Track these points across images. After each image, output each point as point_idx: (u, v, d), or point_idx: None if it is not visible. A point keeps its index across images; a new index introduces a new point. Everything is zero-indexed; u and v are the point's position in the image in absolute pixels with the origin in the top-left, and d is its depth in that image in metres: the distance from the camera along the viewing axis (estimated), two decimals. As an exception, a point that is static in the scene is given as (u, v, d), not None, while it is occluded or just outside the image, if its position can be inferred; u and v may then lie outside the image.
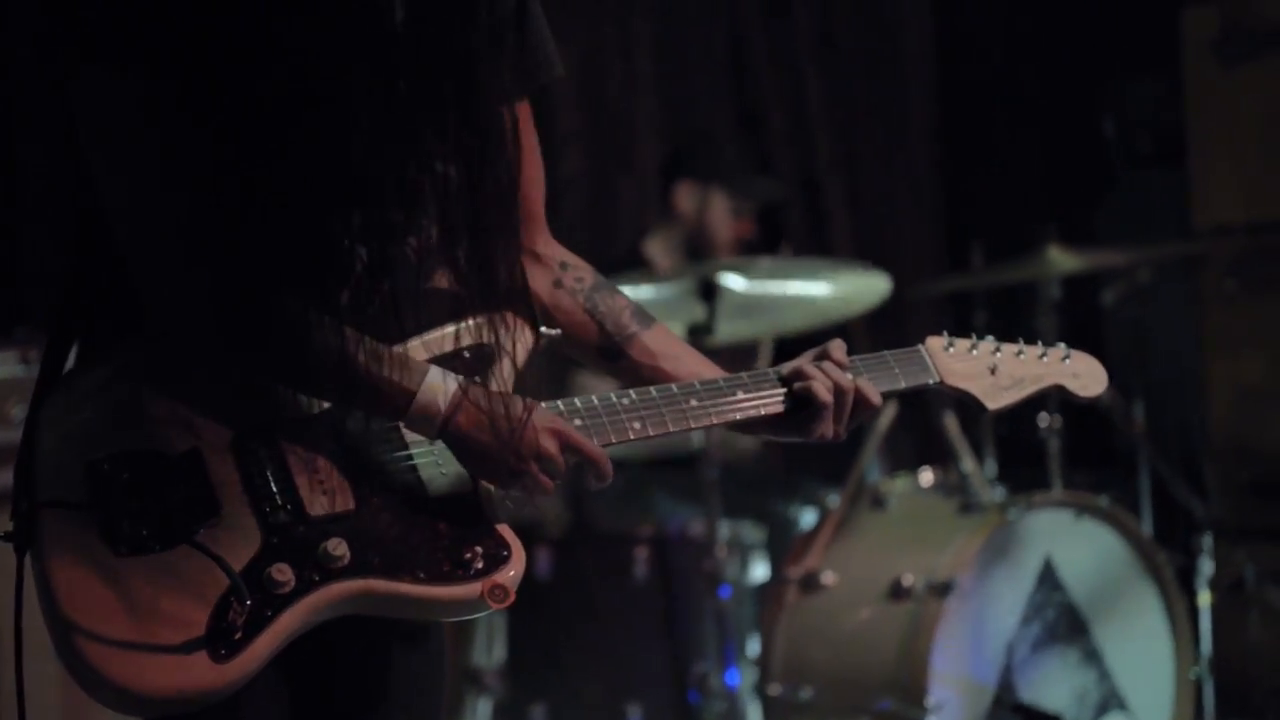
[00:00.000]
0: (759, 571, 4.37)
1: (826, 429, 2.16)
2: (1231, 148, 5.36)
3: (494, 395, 1.99)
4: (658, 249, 4.99)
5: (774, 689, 4.13)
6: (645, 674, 4.06)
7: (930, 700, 3.82)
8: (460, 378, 1.99)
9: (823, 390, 2.13)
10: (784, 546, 4.46)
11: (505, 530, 1.99)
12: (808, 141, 6.70)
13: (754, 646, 4.24)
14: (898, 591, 3.99)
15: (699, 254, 4.94)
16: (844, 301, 4.32)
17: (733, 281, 4.16)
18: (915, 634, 3.89)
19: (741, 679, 4.10)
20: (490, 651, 4.11)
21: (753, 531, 4.34)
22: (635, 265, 4.96)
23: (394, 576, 1.92)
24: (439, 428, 1.98)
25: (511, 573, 1.95)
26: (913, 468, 5.04)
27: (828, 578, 4.15)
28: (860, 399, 2.15)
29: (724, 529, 4.11)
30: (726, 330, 4.14)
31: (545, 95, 6.47)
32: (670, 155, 5.19)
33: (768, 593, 4.27)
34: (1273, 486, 5.22)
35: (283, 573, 1.89)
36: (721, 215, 4.93)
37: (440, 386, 1.97)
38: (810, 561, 4.21)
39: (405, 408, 1.96)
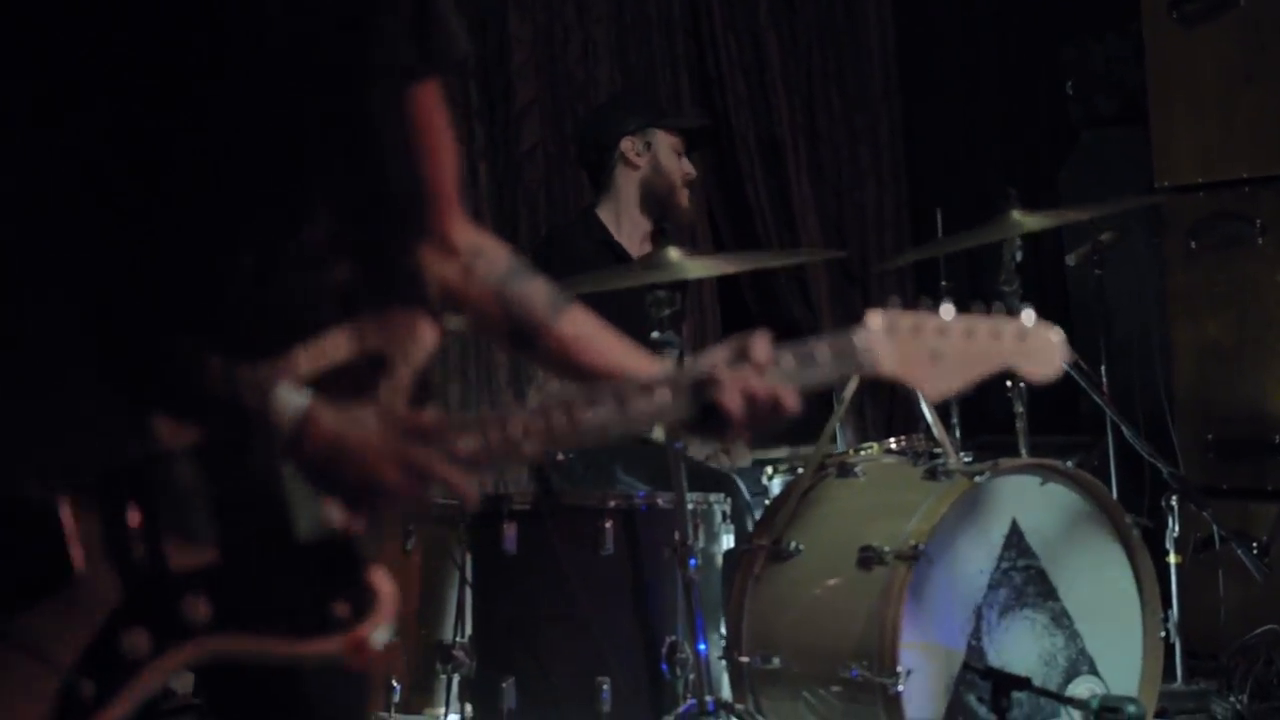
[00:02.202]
0: (727, 542, 4.35)
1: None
2: (1191, 108, 5.36)
3: (345, 414, 1.84)
4: (608, 214, 4.98)
5: (743, 658, 4.13)
6: (615, 646, 4.04)
7: (900, 666, 3.82)
8: (309, 395, 1.84)
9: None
10: (751, 516, 4.45)
11: (377, 575, 1.87)
12: (768, 108, 6.69)
13: (723, 617, 4.24)
14: (866, 559, 3.98)
15: (660, 202, 4.94)
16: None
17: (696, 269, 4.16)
18: (884, 601, 3.88)
19: (711, 649, 4.09)
20: (459, 626, 4.09)
21: (720, 501, 4.33)
22: (589, 228, 4.97)
23: (256, 631, 1.82)
24: (284, 453, 1.83)
25: (375, 629, 1.84)
26: (881, 435, 5.04)
27: (796, 546, 4.15)
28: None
29: (691, 500, 4.09)
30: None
31: (502, 67, 6.45)
32: (590, 122, 5.17)
33: (736, 563, 4.26)
34: (1237, 445, 5.23)
35: (138, 638, 1.78)
36: (670, 155, 4.95)
37: (286, 406, 1.83)
38: (778, 530, 4.20)
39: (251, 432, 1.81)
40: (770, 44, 6.65)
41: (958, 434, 4.75)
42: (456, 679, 4.12)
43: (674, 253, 4.08)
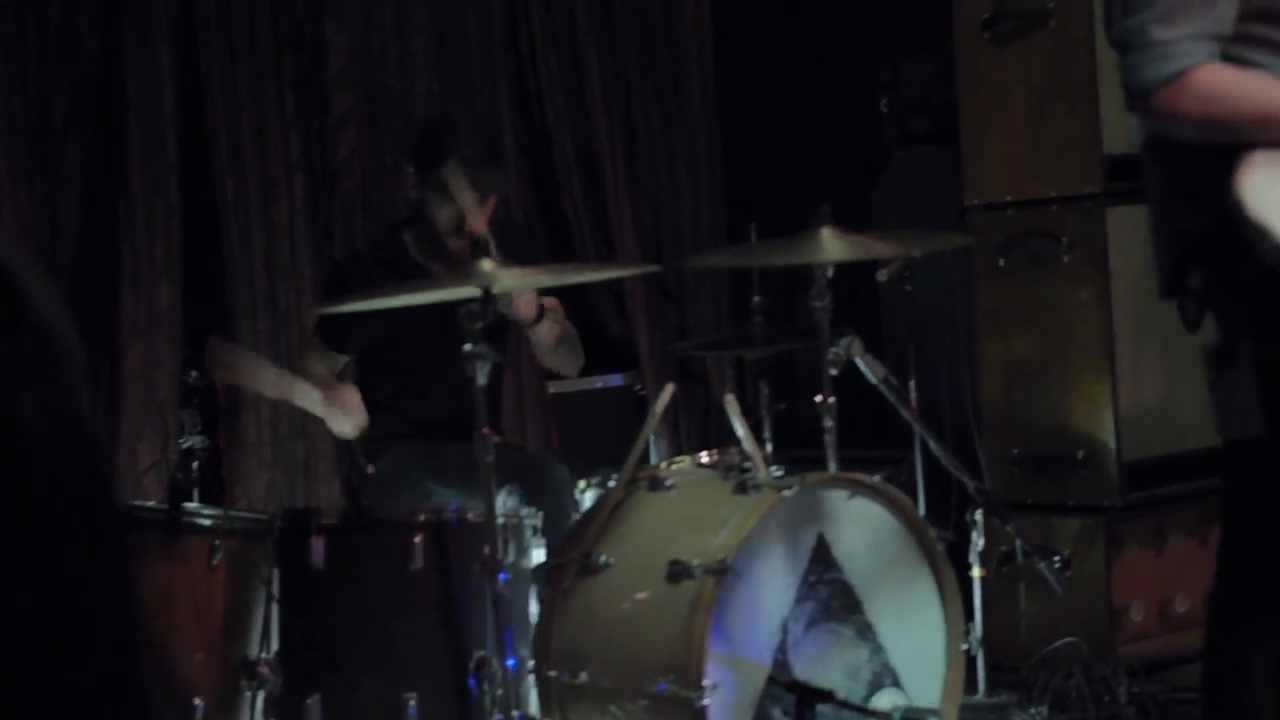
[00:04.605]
0: (537, 555, 4.35)
1: None
2: (1001, 127, 5.45)
3: None
4: (411, 236, 4.95)
5: (551, 672, 4.13)
6: (422, 662, 4.02)
7: (706, 680, 3.84)
8: None
9: None
10: (562, 530, 4.46)
11: None
12: (587, 122, 6.70)
13: (532, 631, 4.23)
14: (674, 572, 4.00)
15: (429, 239, 4.88)
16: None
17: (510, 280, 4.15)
18: (691, 615, 3.90)
19: (520, 664, 4.09)
20: (264, 642, 4.05)
21: (531, 515, 4.32)
22: (393, 250, 4.93)
23: None
24: None
25: None
26: (695, 448, 5.07)
27: (605, 560, 4.15)
28: None
29: (501, 513, 4.09)
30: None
31: (319, 76, 6.41)
32: (413, 144, 5.10)
33: (545, 576, 4.26)
34: (1040, 460, 5.32)
35: None
36: (461, 187, 4.84)
37: None
38: (588, 544, 4.21)
39: None
40: (589, 59, 6.67)
41: (770, 448, 4.79)
42: (261, 696, 4.07)
43: (486, 265, 4.05)
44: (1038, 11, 5.31)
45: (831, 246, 4.51)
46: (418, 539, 4.07)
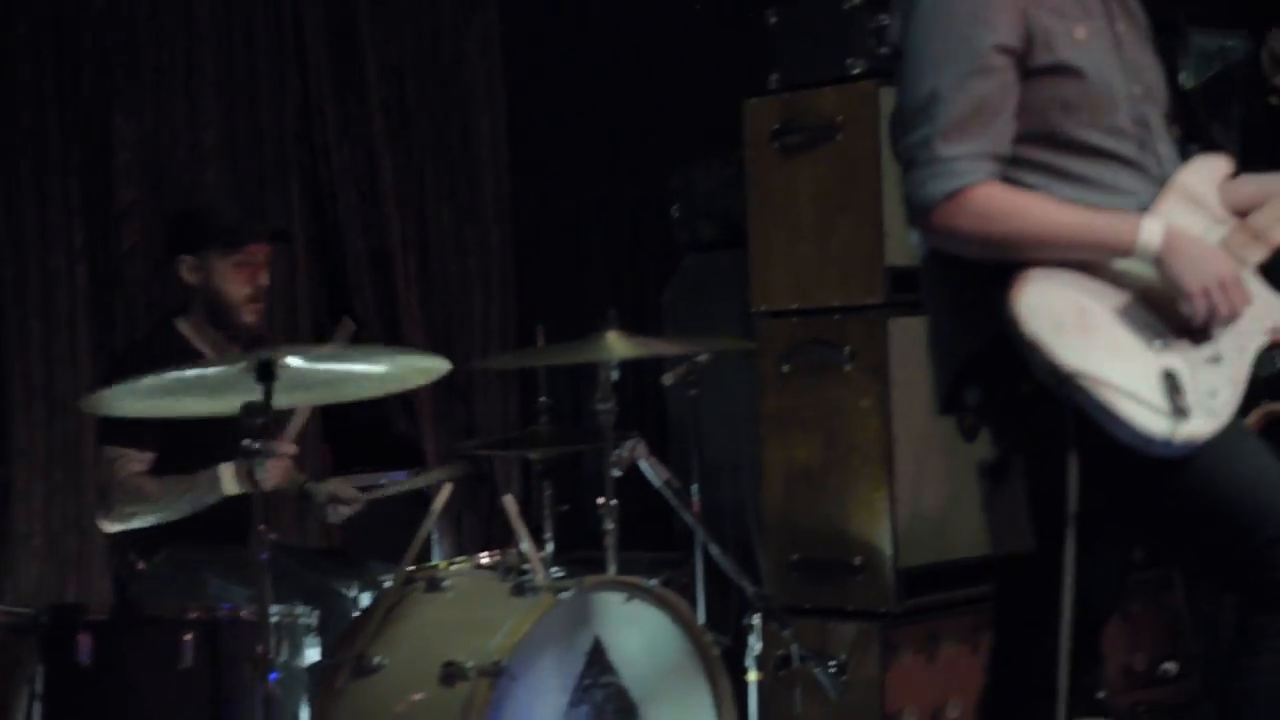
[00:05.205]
0: (312, 655, 4.29)
1: None
2: (788, 236, 5.52)
3: None
4: (187, 325, 4.91)
5: (323, 774, 4.07)
6: (190, 762, 3.95)
7: (478, 784, 3.81)
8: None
9: None
10: (338, 629, 4.40)
11: None
12: (380, 219, 6.68)
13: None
14: (448, 674, 3.97)
15: (222, 320, 4.87)
16: (404, 377, 4.29)
17: (291, 360, 4.09)
18: (464, 717, 3.87)
19: (290, 765, 4.02)
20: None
21: (306, 614, 4.27)
22: (168, 340, 4.87)
23: None
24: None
25: None
26: (477, 549, 5.04)
27: (379, 661, 4.11)
28: None
29: (276, 611, 4.02)
30: (283, 401, 4.06)
31: (104, 166, 6.33)
32: (172, 233, 5.07)
33: (319, 677, 4.20)
34: (819, 566, 5.37)
35: None
36: (225, 276, 4.86)
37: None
38: (362, 644, 4.16)
39: None
40: (383, 156, 6.65)
41: (551, 549, 4.79)
42: (22, 796, 3.96)
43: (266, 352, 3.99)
44: (826, 124, 5.40)
45: (616, 348, 4.54)
46: (188, 637, 3.98)
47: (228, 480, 4.62)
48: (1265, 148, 4.29)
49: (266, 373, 3.85)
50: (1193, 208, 3.23)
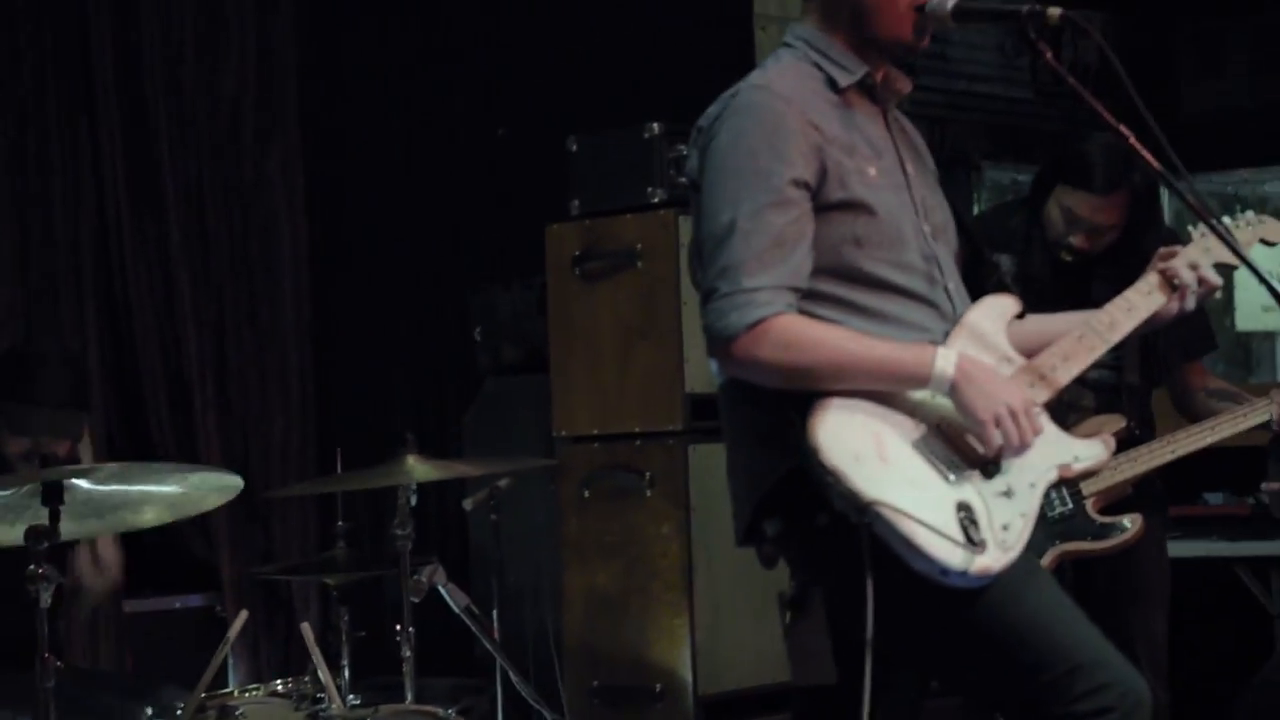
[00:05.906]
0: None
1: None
2: (589, 362, 5.55)
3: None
4: None
5: None
6: None
7: None
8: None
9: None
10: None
11: None
12: (177, 342, 6.59)
13: None
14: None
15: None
16: (197, 499, 4.21)
17: (78, 482, 4.01)
18: None
19: None
20: None
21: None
22: None
23: None
24: None
25: None
26: (275, 675, 4.96)
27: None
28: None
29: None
30: (74, 529, 3.97)
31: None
32: None
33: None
34: (620, 692, 5.36)
35: None
36: None
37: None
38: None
39: None
40: (182, 278, 6.56)
41: (348, 675, 4.72)
42: None
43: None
44: (626, 251, 5.45)
45: (415, 471, 4.51)
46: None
47: None
48: (1050, 290, 4.35)
49: (53, 495, 3.77)
50: (981, 347, 3.28)
